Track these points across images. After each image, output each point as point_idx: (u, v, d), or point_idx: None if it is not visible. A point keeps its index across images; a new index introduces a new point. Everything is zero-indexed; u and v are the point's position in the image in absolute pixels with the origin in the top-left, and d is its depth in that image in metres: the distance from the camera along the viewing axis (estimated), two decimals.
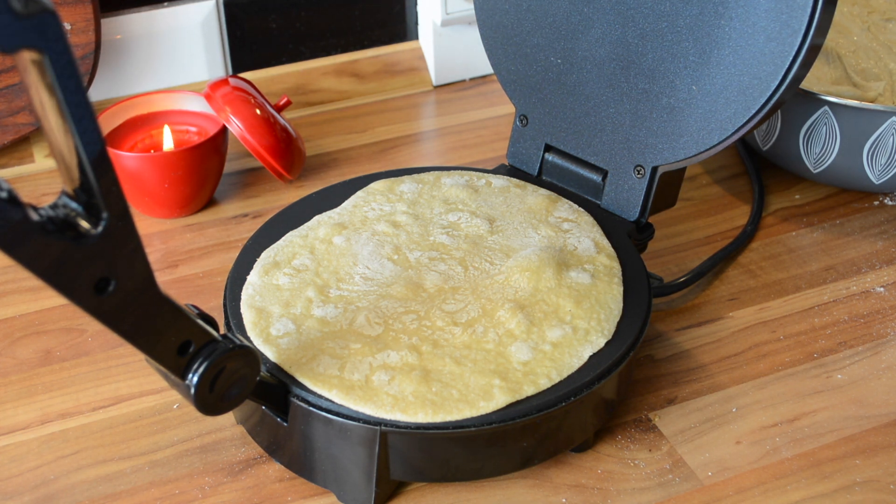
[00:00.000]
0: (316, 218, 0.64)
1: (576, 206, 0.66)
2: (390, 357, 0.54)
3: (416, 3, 0.95)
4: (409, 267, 0.60)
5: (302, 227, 0.63)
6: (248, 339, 0.55)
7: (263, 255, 0.61)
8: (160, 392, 0.62)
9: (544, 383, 0.53)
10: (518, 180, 0.69)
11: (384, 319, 0.56)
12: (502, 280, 0.59)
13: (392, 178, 0.68)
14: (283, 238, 0.62)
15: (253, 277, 0.59)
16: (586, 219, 0.65)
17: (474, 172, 0.69)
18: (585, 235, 0.63)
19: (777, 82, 0.57)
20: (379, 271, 0.59)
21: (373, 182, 0.68)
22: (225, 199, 0.79)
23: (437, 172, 0.69)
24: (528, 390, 0.53)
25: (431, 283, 0.59)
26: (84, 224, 0.40)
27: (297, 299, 0.57)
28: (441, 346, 0.54)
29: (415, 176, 0.68)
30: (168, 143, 0.76)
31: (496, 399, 0.52)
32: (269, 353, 0.54)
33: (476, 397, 0.52)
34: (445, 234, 0.62)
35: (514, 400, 0.52)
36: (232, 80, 0.76)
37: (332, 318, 0.56)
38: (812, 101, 0.72)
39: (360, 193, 0.67)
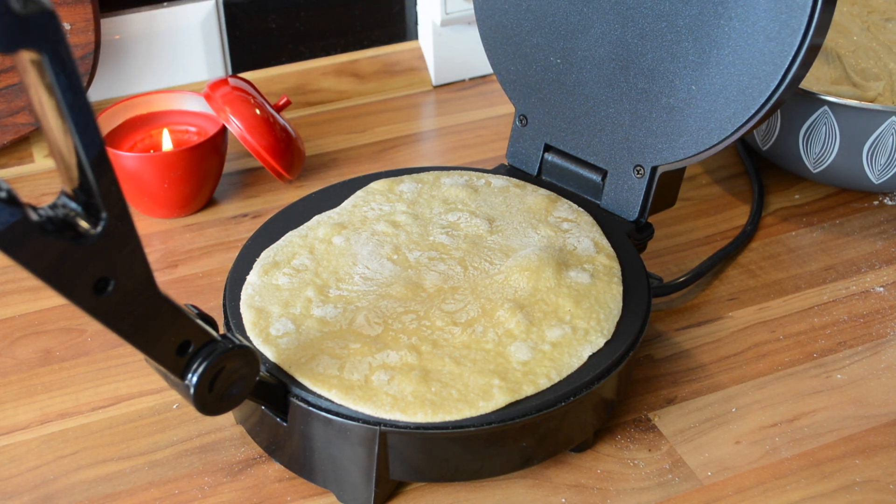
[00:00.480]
0: (315, 218, 0.64)
1: (575, 206, 0.66)
2: (390, 357, 0.54)
3: (415, 3, 0.95)
4: (409, 267, 0.60)
5: (301, 227, 0.63)
6: (247, 339, 0.55)
7: (263, 255, 0.61)
8: (160, 392, 0.62)
9: (544, 383, 0.53)
10: (517, 180, 0.69)
11: (384, 319, 0.56)
12: (502, 280, 0.59)
13: (392, 178, 0.68)
14: (283, 238, 0.62)
15: (252, 277, 0.59)
16: (586, 219, 0.65)
17: (474, 172, 0.69)
18: (585, 235, 0.63)
19: (776, 82, 0.57)
20: (378, 271, 0.59)
21: (372, 182, 0.68)
22: (225, 199, 0.79)
23: (436, 172, 0.69)
24: (528, 390, 0.53)
25: (431, 282, 0.59)
26: (83, 224, 0.40)
27: (296, 299, 0.57)
28: (440, 346, 0.54)
29: (414, 176, 0.68)
30: (167, 146, 0.76)
31: (496, 399, 0.52)
32: (269, 352, 0.54)
33: (475, 397, 0.52)
34: (445, 234, 0.62)
35: (513, 400, 0.52)
36: (231, 80, 0.76)
37: (331, 317, 0.56)
38: (812, 101, 0.72)
39: (359, 193, 0.67)
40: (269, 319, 0.56)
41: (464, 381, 0.53)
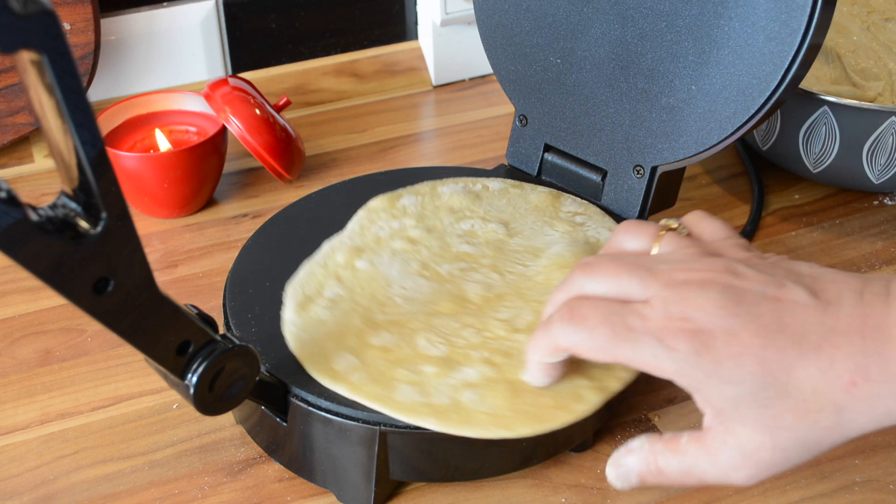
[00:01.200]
0: (326, 245, 0.62)
1: (579, 198, 0.66)
2: (468, 374, 0.52)
3: (415, 3, 0.95)
4: (445, 281, 0.58)
5: (317, 255, 0.61)
6: (314, 379, 0.53)
7: (289, 290, 0.58)
8: (160, 392, 0.62)
9: (625, 375, 0.53)
10: (513, 181, 0.69)
11: (444, 337, 0.54)
12: (542, 280, 0.58)
13: (389, 194, 0.66)
14: (302, 270, 0.60)
15: (289, 315, 0.57)
16: (594, 209, 0.65)
17: (468, 178, 0.69)
18: (601, 226, 0.64)
19: (776, 82, 0.57)
20: (417, 290, 0.58)
21: (370, 201, 0.66)
22: (224, 199, 0.79)
23: (431, 182, 0.68)
24: (614, 386, 0.52)
25: (474, 293, 0.57)
26: (83, 224, 0.40)
27: (346, 331, 0.55)
28: (512, 354, 0.53)
29: (409, 189, 0.67)
30: (164, 145, 0.76)
31: (589, 400, 0.51)
32: (343, 391, 0.52)
33: (569, 402, 0.51)
34: (465, 244, 0.61)
35: (606, 399, 0.52)
36: (231, 80, 0.77)
37: (391, 344, 0.54)
38: (811, 101, 0.72)
39: (361, 213, 0.64)
40: (328, 356, 0.54)
41: (551, 387, 0.52)
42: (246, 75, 0.93)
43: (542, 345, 0.48)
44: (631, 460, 0.47)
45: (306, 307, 0.57)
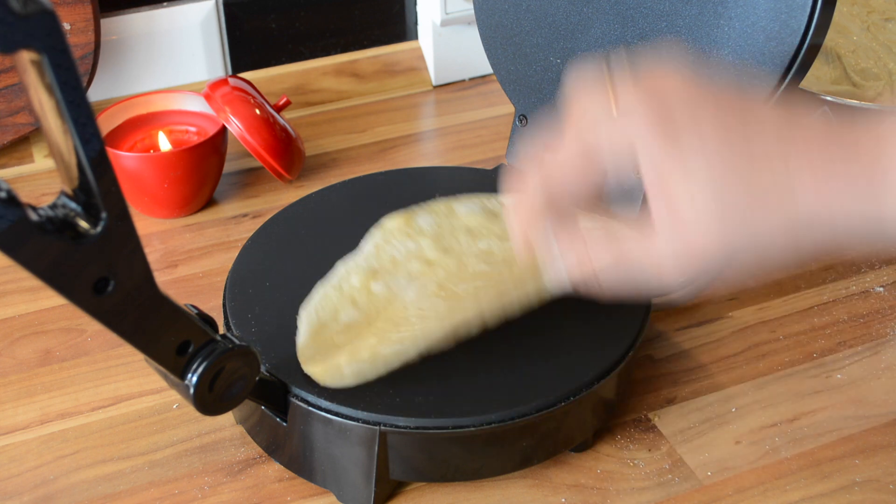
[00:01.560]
0: (341, 267, 0.61)
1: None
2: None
3: (415, 3, 0.95)
4: (461, 299, 0.58)
5: (331, 277, 0.60)
6: (316, 384, 0.54)
7: (303, 314, 0.57)
8: (160, 392, 0.62)
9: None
10: None
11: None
12: None
13: (404, 213, 0.64)
14: (316, 293, 0.59)
15: (304, 339, 0.56)
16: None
17: (484, 196, 0.67)
18: None
19: (776, 82, 0.57)
20: (432, 309, 0.57)
21: (384, 219, 0.64)
22: (224, 199, 0.79)
23: (447, 201, 0.66)
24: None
25: None
26: (83, 224, 0.40)
27: (360, 349, 0.55)
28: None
29: (425, 207, 0.66)
30: (165, 146, 0.76)
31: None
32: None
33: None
34: (482, 263, 0.61)
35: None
36: (231, 80, 0.77)
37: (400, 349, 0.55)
38: (812, 101, 0.72)
39: (375, 233, 0.63)
40: (340, 370, 0.54)
41: None
42: (246, 75, 0.93)
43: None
44: (567, 257, 0.47)
45: (321, 333, 0.56)
